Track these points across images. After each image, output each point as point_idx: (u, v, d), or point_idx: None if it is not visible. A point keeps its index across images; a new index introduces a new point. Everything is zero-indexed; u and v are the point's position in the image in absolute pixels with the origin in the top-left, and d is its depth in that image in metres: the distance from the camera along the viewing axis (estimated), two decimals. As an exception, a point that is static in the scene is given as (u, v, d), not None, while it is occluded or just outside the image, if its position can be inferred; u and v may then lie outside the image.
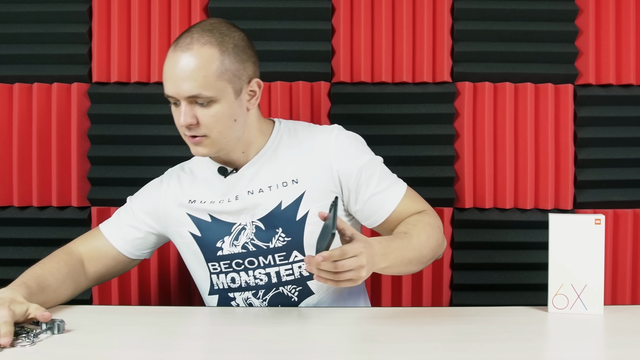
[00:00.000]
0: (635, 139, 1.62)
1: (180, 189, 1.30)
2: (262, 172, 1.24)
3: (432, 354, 0.94)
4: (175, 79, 1.13)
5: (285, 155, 1.25)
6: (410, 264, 1.16)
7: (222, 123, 1.16)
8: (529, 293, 1.61)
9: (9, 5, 1.62)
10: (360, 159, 1.24)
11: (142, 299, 1.65)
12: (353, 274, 0.99)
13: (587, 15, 1.61)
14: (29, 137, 1.62)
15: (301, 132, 1.28)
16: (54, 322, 1.00)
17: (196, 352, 0.95)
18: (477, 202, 1.63)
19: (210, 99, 1.13)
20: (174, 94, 1.15)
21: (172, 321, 1.12)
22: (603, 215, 1.15)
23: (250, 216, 1.23)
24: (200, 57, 1.12)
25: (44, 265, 1.22)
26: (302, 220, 1.21)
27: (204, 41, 1.13)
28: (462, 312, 1.19)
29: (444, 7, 1.62)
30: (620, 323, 1.11)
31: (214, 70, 1.13)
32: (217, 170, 1.27)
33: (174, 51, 1.14)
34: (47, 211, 1.63)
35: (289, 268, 1.23)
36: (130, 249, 1.30)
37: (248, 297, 1.25)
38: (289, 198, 1.22)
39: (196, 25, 1.17)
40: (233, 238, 1.23)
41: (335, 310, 1.21)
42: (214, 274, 1.26)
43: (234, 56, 1.15)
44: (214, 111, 1.15)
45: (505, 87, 1.61)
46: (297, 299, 1.25)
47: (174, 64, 1.13)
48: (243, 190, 1.24)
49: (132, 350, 0.94)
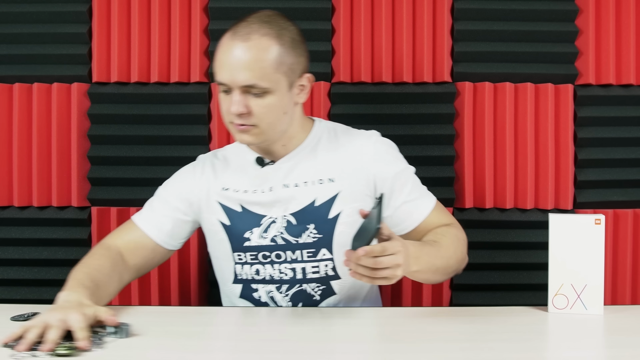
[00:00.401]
0: (635, 139, 1.62)
1: (214, 176, 1.30)
2: (299, 167, 1.25)
3: (432, 354, 0.94)
4: (231, 67, 1.13)
5: (324, 154, 1.26)
6: (437, 272, 1.18)
7: (273, 114, 1.17)
8: (529, 293, 1.61)
9: (9, 5, 1.62)
10: (396, 166, 1.27)
11: (142, 299, 1.65)
12: (389, 272, 1.01)
13: (587, 15, 1.61)
14: (29, 137, 1.62)
15: (340, 133, 1.30)
16: (121, 326, 0.99)
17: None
18: (477, 202, 1.63)
19: (265, 89, 1.14)
20: (228, 82, 1.15)
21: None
22: (603, 215, 1.15)
23: (283, 210, 1.23)
24: (259, 48, 1.13)
25: (88, 263, 1.20)
26: (334, 219, 1.23)
27: (263, 32, 1.14)
28: (462, 312, 1.19)
29: (444, 7, 1.62)
30: (620, 323, 1.11)
31: (271, 61, 1.14)
32: (254, 160, 1.28)
33: (232, 39, 1.14)
34: (47, 211, 1.63)
35: (315, 265, 1.24)
36: (167, 238, 1.28)
37: (271, 290, 1.25)
38: (324, 196, 1.23)
39: (254, 15, 1.18)
40: (262, 230, 1.24)
41: (334, 310, 1.21)
42: (238, 264, 1.26)
43: (290, 49, 1.17)
44: (267, 102, 1.16)
45: (505, 87, 1.61)
46: (319, 298, 1.25)
47: (231, 52, 1.14)
48: (278, 182, 1.25)
49: (132, 350, 0.94)
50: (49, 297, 1.59)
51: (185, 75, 1.63)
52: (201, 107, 1.62)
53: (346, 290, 1.27)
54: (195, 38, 1.63)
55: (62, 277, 1.60)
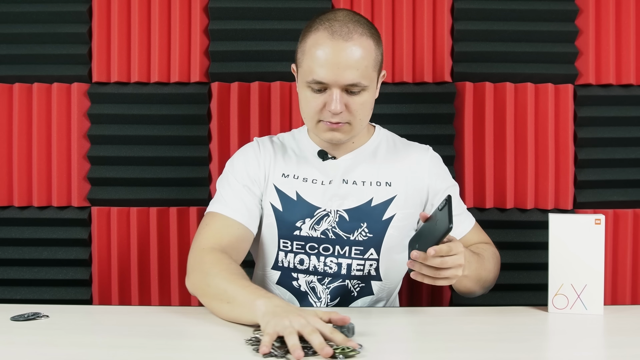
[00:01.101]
0: (635, 139, 1.62)
1: (274, 159, 1.31)
2: (361, 167, 1.29)
3: (432, 354, 0.94)
4: (337, 66, 1.15)
5: (384, 158, 1.31)
6: (478, 282, 1.23)
7: (366, 110, 1.22)
8: (529, 293, 1.61)
9: (9, 5, 1.62)
10: (448, 181, 1.33)
11: (142, 299, 1.65)
12: (451, 272, 1.05)
13: (587, 15, 1.61)
14: (29, 137, 1.62)
15: (398, 142, 1.36)
16: (348, 325, 0.98)
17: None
18: (477, 202, 1.63)
19: (364, 87, 1.17)
20: (329, 81, 1.16)
21: (172, 321, 1.12)
22: (603, 215, 1.15)
23: (338, 204, 1.26)
24: (363, 48, 1.16)
25: (232, 272, 1.11)
26: (387, 221, 1.26)
27: (361, 32, 1.17)
28: (462, 312, 1.19)
29: (444, 7, 1.62)
30: (620, 323, 1.11)
31: (372, 60, 1.18)
32: (316, 152, 1.30)
33: (332, 39, 1.15)
34: (48, 211, 1.63)
35: (361, 263, 1.26)
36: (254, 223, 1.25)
37: (312, 280, 1.27)
38: (380, 197, 1.27)
39: (337, 14, 1.19)
40: (314, 222, 1.25)
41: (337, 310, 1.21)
42: (282, 250, 1.27)
43: (380, 47, 1.21)
44: (363, 99, 1.19)
45: (505, 87, 1.61)
46: (357, 295, 1.28)
47: (336, 52, 1.15)
48: (338, 177, 1.27)
49: (132, 350, 0.94)
50: (49, 297, 1.61)
51: (185, 75, 1.63)
52: (201, 107, 1.62)
53: (381, 292, 1.30)
54: (195, 38, 1.63)
55: (62, 277, 1.62)
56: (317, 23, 1.18)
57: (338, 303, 1.28)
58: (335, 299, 1.28)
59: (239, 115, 1.62)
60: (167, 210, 1.63)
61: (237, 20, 1.62)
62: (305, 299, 1.28)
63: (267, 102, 1.63)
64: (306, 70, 1.18)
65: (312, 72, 1.16)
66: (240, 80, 1.63)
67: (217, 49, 1.62)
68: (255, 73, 1.62)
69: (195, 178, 1.62)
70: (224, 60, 1.62)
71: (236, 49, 1.62)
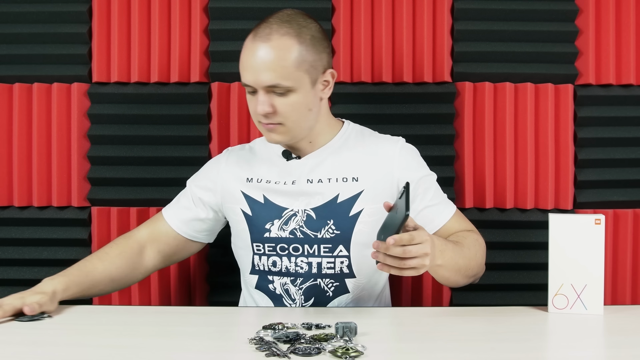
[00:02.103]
0: (635, 139, 1.62)
1: (239, 166, 1.34)
2: (325, 164, 1.28)
3: (432, 354, 0.94)
4: (254, 68, 1.16)
5: (350, 153, 1.30)
6: (458, 271, 1.20)
7: (298, 112, 1.20)
8: (529, 293, 1.61)
9: (9, 5, 1.62)
10: (420, 172, 1.31)
11: (142, 299, 1.65)
12: (417, 261, 1.02)
13: (587, 15, 1.61)
14: (29, 137, 1.62)
15: (368, 136, 1.35)
16: (350, 326, 0.99)
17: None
18: (477, 202, 1.63)
19: (288, 88, 1.17)
20: (252, 83, 1.18)
21: (172, 321, 1.12)
22: (603, 215, 1.15)
23: (305, 204, 1.26)
24: (280, 48, 1.15)
25: (97, 251, 1.31)
26: (355, 217, 1.25)
27: (283, 32, 1.16)
28: (462, 312, 1.19)
29: (444, 7, 1.62)
30: (620, 323, 1.11)
31: (292, 61, 1.16)
32: (280, 153, 1.31)
33: (253, 41, 1.17)
34: (47, 211, 1.63)
35: (331, 261, 1.26)
36: (187, 229, 1.35)
37: (286, 282, 1.28)
38: (347, 193, 1.26)
39: (274, 15, 1.20)
40: (282, 222, 1.26)
41: (335, 310, 1.21)
42: (256, 254, 1.29)
43: (311, 47, 1.19)
44: (291, 100, 1.18)
45: (505, 87, 1.61)
46: (332, 295, 1.27)
47: (253, 54, 1.16)
48: (303, 177, 1.28)
49: (132, 350, 0.94)
50: (49, 297, 1.61)
51: (185, 75, 1.63)
52: (201, 107, 1.62)
53: (359, 290, 1.28)
54: (195, 38, 1.63)
55: (62, 277, 1.62)
56: (255, 25, 1.21)
57: (313, 303, 1.27)
58: (309, 300, 1.27)
59: (239, 115, 1.62)
60: (167, 210, 1.63)
61: (237, 20, 1.62)
62: (280, 301, 1.28)
63: (267, 102, 1.63)
64: (240, 73, 1.21)
65: (241, 76, 1.19)
66: (240, 80, 1.62)
67: (217, 49, 1.62)
68: (255, 73, 1.62)
69: (195, 178, 1.62)
70: (224, 60, 1.62)
71: (236, 49, 1.60)
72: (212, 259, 1.64)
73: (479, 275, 1.30)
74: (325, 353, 0.90)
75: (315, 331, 1.02)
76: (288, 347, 0.92)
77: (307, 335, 0.97)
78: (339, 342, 0.95)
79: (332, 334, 0.98)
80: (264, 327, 1.02)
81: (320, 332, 1.00)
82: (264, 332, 1.00)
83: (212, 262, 1.64)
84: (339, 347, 0.91)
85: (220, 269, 1.64)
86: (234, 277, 1.51)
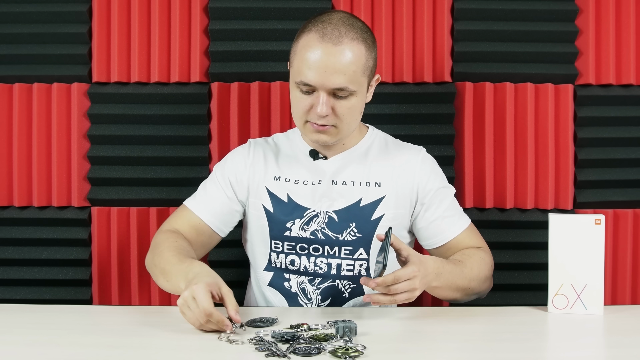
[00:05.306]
0: (635, 139, 1.62)
1: (265, 162, 1.33)
2: (350, 167, 1.29)
3: (432, 354, 0.94)
4: (324, 70, 1.15)
5: (374, 159, 1.31)
6: (457, 291, 1.20)
7: (353, 115, 1.21)
8: (529, 293, 1.61)
9: (9, 5, 1.62)
10: (439, 182, 1.33)
11: (142, 299, 1.65)
12: (404, 296, 1.07)
13: (587, 15, 1.61)
14: (29, 137, 1.62)
15: (391, 143, 1.37)
16: (350, 326, 1.00)
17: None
18: (477, 202, 1.63)
19: (352, 92, 1.17)
20: (316, 84, 1.16)
21: (171, 321, 1.12)
22: (603, 215, 1.15)
23: (327, 205, 1.27)
24: (353, 53, 1.16)
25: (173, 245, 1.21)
26: (376, 221, 1.26)
27: (352, 36, 1.16)
28: (462, 312, 1.19)
29: (444, 7, 1.62)
30: (620, 323, 1.11)
31: (361, 65, 1.17)
32: (307, 151, 1.31)
33: (322, 42, 1.15)
34: (47, 211, 1.63)
35: (350, 263, 1.27)
36: (219, 224, 1.32)
37: (303, 281, 1.28)
38: (369, 197, 1.27)
39: (332, 16, 1.19)
40: (304, 222, 1.26)
41: (335, 310, 1.21)
42: (274, 252, 1.29)
43: (372, 52, 1.21)
44: (351, 103, 1.19)
45: (505, 87, 1.61)
46: (348, 296, 1.28)
47: (324, 55, 1.15)
48: (328, 178, 1.28)
49: (132, 350, 0.94)
50: (49, 297, 1.62)
51: (185, 75, 1.63)
52: (201, 107, 1.62)
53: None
54: (195, 38, 1.63)
55: (62, 277, 1.62)
56: (311, 24, 1.19)
57: (329, 304, 1.28)
58: (326, 300, 1.28)
59: (239, 116, 1.62)
60: (167, 210, 1.63)
61: (237, 20, 1.62)
62: (295, 300, 1.29)
63: (267, 102, 1.63)
64: (296, 70, 1.19)
65: (300, 74, 1.17)
66: (240, 80, 1.63)
67: (217, 49, 1.62)
68: (255, 73, 1.62)
69: (195, 178, 1.61)
70: (224, 60, 1.62)
71: (236, 49, 1.62)
72: (212, 259, 1.64)
73: (484, 293, 1.30)
74: (325, 353, 0.90)
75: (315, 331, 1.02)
76: (288, 347, 0.92)
77: (307, 335, 0.98)
78: (339, 342, 0.95)
79: (332, 334, 0.98)
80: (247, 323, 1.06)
81: (320, 332, 1.00)
82: (264, 331, 1.01)
83: (212, 262, 1.64)
84: (339, 347, 0.91)
85: (220, 268, 1.64)
86: (234, 277, 1.51)
